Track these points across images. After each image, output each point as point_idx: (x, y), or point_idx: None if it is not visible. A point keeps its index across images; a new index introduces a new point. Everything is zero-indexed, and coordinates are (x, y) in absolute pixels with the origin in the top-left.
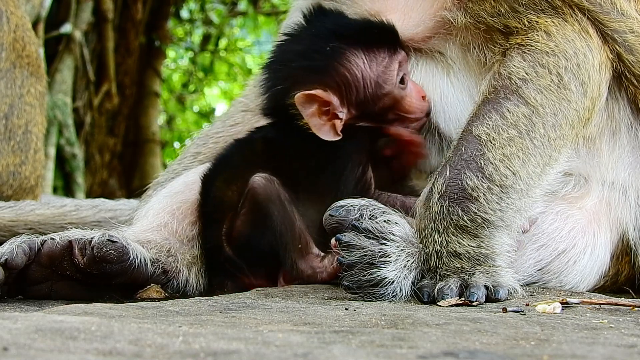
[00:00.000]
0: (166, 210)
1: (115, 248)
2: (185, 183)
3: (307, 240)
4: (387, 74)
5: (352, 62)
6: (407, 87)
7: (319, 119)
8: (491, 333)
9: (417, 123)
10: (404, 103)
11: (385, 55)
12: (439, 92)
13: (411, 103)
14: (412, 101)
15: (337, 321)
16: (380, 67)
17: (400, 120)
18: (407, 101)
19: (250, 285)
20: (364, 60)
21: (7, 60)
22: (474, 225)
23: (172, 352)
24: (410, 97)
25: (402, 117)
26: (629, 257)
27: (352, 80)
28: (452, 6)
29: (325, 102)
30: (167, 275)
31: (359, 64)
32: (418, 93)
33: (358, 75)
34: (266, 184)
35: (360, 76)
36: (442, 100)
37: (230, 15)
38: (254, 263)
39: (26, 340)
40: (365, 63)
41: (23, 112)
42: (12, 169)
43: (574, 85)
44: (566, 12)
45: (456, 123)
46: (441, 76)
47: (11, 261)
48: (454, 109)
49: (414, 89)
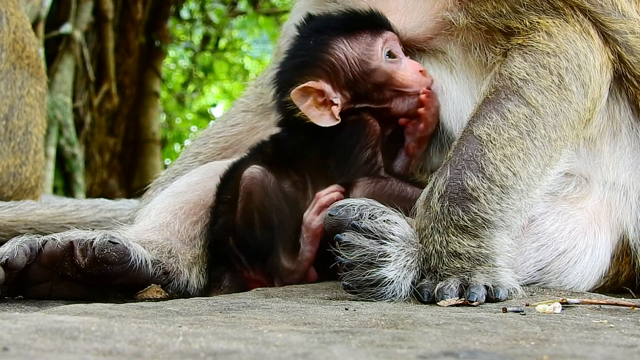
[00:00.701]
0: (169, 210)
1: (117, 249)
2: (188, 183)
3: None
4: (370, 50)
5: (335, 46)
6: (401, 61)
7: (316, 109)
8: (491, 333)
9: (419, 98)
10: (397, 77)
11: (367, 35)
12: (442, 88)
13: (405, 76)
14: (407, 74)
15: (337, 321)
16: (363, 44)
17: (400, 97)
18: (401, 75)
19: (249, 280)
20: (345, 43)
21: (7, 62)
22: (474, 226)
23: (172, 352)
24: (404, 70)
25: (400, 92)
26: (629, 257)
27: (337, 63)
28: (453, 7)
29: (319, 92)
30: (168, 276)
31: (340, 47)
32: (414, 67)
33: (342, 57)
34: (262, 176)
35: (344, 57)
36: (446, 95)
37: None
38: (251, 256)
39: (26, 340)
40: (346, 45)
41: (23, 113)
42: (13, 170)
43: (575, 86)
44: (567, 13)
45: (457, 120)
46: (445, 73)
47: (12, 261)
48: (456, 105)
49: (409, 63)
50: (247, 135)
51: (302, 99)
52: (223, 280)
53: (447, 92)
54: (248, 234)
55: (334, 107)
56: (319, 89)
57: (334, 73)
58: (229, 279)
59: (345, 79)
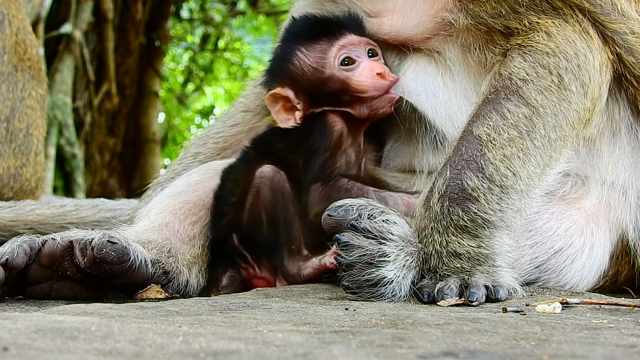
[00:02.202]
0: (168, 210)
1: (116, 249)
2: (188, 183)
3: (300, 241)
4: (324, 59)
5: (295, 55)
6: (358, 66)
7: (284, 114)
8: (491, 333)
9: (378, 100)
10: (352, 83)
11: (323, 43)
12: (431, 90)
13: (360, 82)
14: (361, 80)
15: (337, 321)
16: (318, 54)
17: (359, 101)
18: (355, 81)
19: (253, 277)
20: (303, 52)
21: (9, 64)
22: (474, 226)
23: (172, 352)
24: (360, 76)
25: (357, 97)
26: (628, 257)
27: (297, 72)
28: (453, 7)
29: (284, 97)
30: (168, 276)
31: (299, 56)
32: (371, 71)
33: (299, 65)
34: (273, 175)
35: (301, 66)
36: (440, 96)
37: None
38: (257, 253)
39: (26, 340)
40: (304, 54)
41: (24, 115)
42: (13, 171)
43: (574, 86)
44: (567, 13)
45: (449, 120)
46: (440, 73)
47: (12, 261)
48: (451, 105)
49: (366, 68)
50: (246, 135)
51: (272, 104)
52: (222, 280)
53: (441, 93)
54: (255, 232)
55: (297, 112)
56: (284, 95)
57: (295, 81)
58: (228, 278)
59: (304, 87)
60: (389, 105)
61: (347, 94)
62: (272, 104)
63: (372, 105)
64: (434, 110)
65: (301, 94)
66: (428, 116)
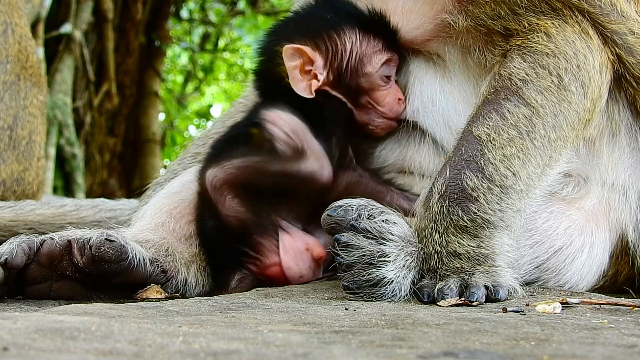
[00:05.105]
0: (163, 210)
1: (113, 247)
2: (182, 183)
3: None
4: (373, 56)
5: (347, 33)
6: (389, 83)
7: (299, 73)
8: (491, 333)
9: (383, 121)
10: (378, 93)
11: (379, 44)
12: (428, 94)
13: (385, 97)
14: (387, 96)
15: (337, 321)
16: (370, 48)
17: (370, 110)
18: (382, 94)
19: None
20: (357, 37)
21: (12, 73)
22: (473, 226)
23: (172, 352)
24: (388, 92)
25: (373, 106)
26: (628, 257)
27: (340, 48)
28: (452, 9)
29: (310, 60)
30: (166, 275)
31: (351, 37)
32: (396, 93)
33: (347, 46)
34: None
35: (349, 48)
36: (437, 99)
37: (230, 14)
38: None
39: (26, 340)
40: (357, 39)
41: (27, 123)
42: (16, 176)
43: (574, 87)
44: (566, 13)
45: (445, 123)
46: (438, 75)
47: (11, 261)
48: (448, 109)
49: (394, 89)
50: None
51: (291, 58)
52: (231, 282)
53: (438, 96)
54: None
55: (315, 80)
56: (311, 57)
57: (333, 54)
58: (237, 280)
59: (338, 65)
60: (386, 129)
61: (367, 97)
62: (291, 57)
63: (374, 120)
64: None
65: (330, 69)
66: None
